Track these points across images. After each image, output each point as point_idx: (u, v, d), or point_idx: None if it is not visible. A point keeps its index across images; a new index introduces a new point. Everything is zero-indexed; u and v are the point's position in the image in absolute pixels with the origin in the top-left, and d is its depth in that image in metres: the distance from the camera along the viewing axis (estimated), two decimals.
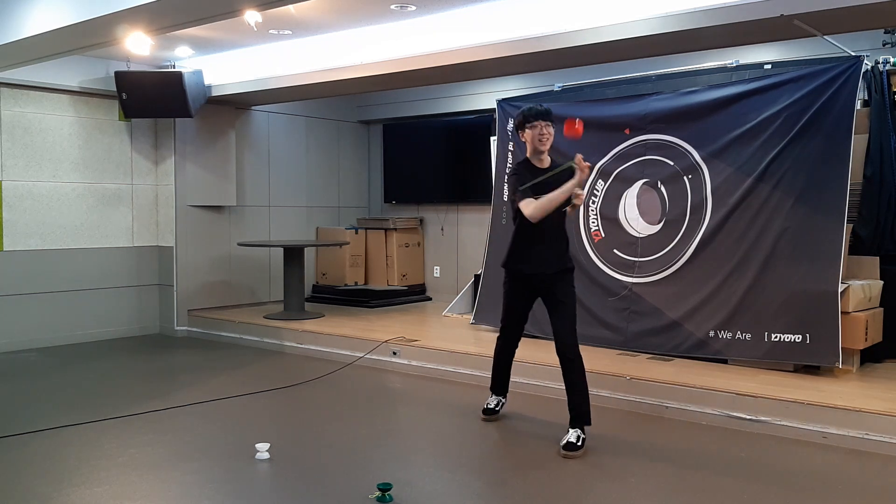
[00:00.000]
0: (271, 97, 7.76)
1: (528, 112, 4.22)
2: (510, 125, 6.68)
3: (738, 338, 5.30)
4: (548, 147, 4.22)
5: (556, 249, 4.26)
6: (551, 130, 4.19)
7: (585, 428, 4.14)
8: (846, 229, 5.08)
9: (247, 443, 4.13)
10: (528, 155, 4.31)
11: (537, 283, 4.29)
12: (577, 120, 4.07)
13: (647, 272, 5.83)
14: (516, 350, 4.62)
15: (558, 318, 4.21)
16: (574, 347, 4.18)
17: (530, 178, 4.15)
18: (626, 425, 4.65)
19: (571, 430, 4.11)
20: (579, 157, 3.98)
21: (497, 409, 4.69)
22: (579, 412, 4.14)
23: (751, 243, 5.33)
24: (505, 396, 4.74)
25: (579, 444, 4.05)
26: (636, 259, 5.92)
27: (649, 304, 5.76)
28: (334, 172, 9.50)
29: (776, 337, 5.14)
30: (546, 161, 4.28)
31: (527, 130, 4.21)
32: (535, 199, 4.05)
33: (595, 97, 6.35)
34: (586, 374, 4.19)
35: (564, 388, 4.21)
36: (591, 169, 3.93)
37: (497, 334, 4.64)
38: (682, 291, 5.63)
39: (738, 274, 5.36)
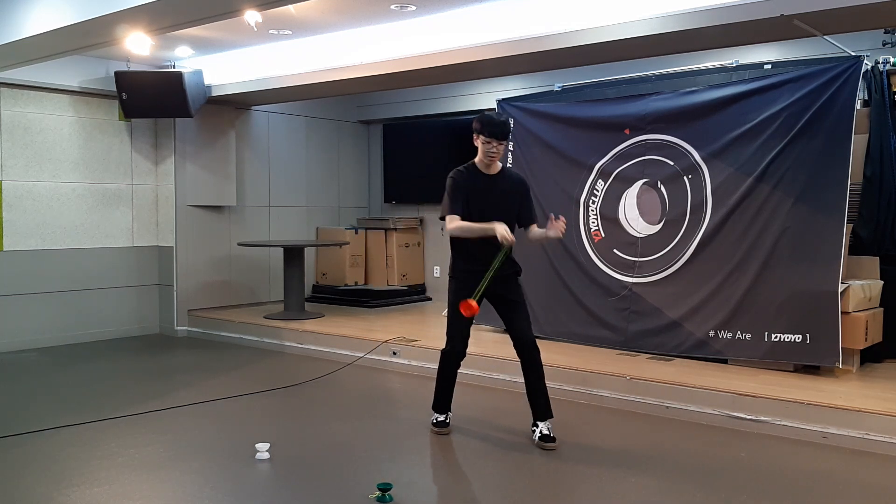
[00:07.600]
0: (271, 97, 7.76)
1: (485, 124, 4.16)
2: (510, 125, 6.67)
3: (738, 338, 5.30)
4: (496, 160, 4.24)
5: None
6: (501, 149, 4.19)
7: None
8: (846, 229, 5.08)
9: (247, 443, 4.13)
10: (476, 161, 4.30)
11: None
12: (471, 303, 3.99)
13: (647, 272, 5.83)
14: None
15: (515, 317, 4.25)
16: (534, 343, 4.23)
17: (472, 185, 4.19)
18: (626, 425, 4.65)
19: (542, 423, 4.20)
20: (511, 240, 3.97)
21: (449, 422, 4.50)
22: (546, 407, 4.22)
23: (751, 243, 5.33)
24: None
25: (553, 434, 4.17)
26: (636, 259, 5.92)
27: (649, 304, 5.77)
28: (334, 172, 9.50)
29: (776, 337, 5.14)
30: (495, 168, 4.28)
31: (480, 140, 4.20)
32: (461, 218, 4.13)
33: (595, 97, 6.35)
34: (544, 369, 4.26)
35: (525, 384, 4.27)
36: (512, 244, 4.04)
37: (446, 347, 4.41)
38: (682, 291, 5.63)
39: (738, 274, 5.36)
